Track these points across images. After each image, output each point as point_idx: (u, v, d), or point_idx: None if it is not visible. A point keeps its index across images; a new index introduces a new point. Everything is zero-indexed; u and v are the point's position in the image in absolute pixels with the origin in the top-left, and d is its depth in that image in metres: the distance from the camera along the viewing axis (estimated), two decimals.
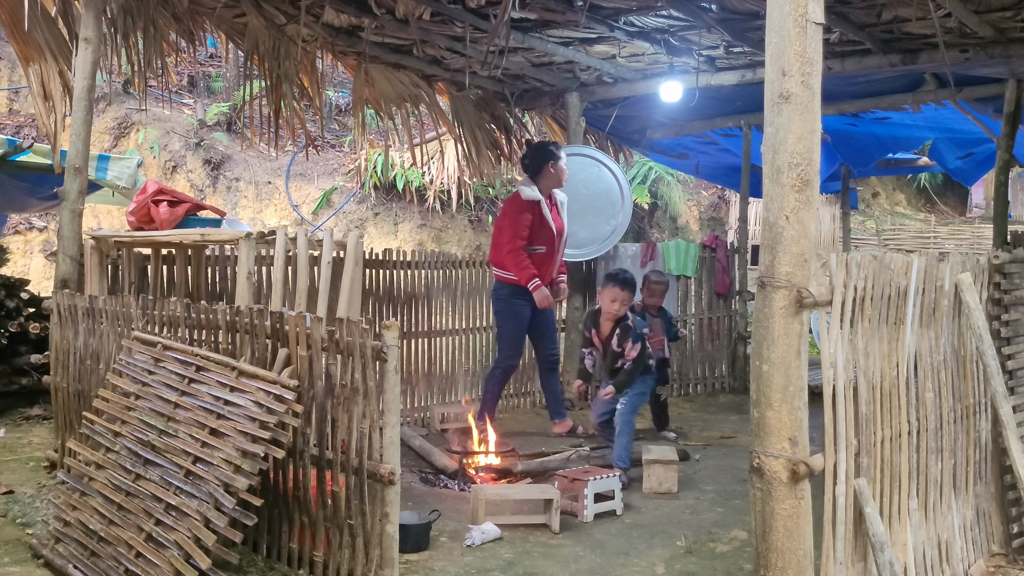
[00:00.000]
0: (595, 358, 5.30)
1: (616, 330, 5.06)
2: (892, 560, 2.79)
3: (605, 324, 5.12)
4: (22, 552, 3.69)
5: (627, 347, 5.04)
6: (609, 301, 5.08)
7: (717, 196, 18.86)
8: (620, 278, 5.11)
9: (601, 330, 5.16)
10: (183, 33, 5.90)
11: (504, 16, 4.15)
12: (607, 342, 5.12)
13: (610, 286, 5.11)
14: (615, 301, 5.08)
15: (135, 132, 15.08)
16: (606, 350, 5.15)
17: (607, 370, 5.22)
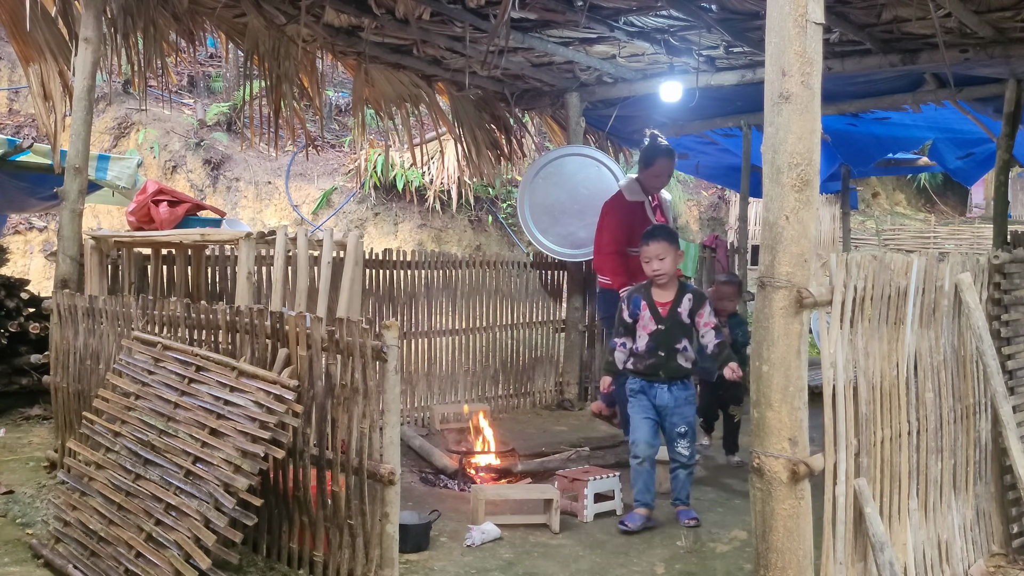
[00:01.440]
0: (628, 350, 4.40)
1: (686, 296, 4.35)
2: (892, 560, 2.79)
3: (662, 291, 4.35)
4: (22, 552, 3.69)
5: (702, 317, 4.32)
6: (657, 260, 4.32)
7: (717, 196, 18.86)
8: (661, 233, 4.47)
9: (656, 299, 4.35)
10: (183, 33, 5.89)
11: (504, 16, 4.14)
12: (670, 313, 4.32)
13: (655, 241, 4.35)
14: (660, 258, 4.32)
15: (135, 132, 15.07)
16: (668, 324, 4.30)
17: (664, 354, 4.29)
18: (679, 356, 4.31)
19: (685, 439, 4.32)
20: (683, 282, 4.41)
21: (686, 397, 4.35)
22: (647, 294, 4.38)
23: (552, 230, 7.05)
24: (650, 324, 4.33)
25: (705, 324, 4.33)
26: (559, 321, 7.44)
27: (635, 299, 4.40)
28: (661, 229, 4.48)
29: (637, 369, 4.35)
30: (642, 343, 4.33)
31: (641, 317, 4.36)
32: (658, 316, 4.32)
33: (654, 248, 4.32)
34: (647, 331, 4.32)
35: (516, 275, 7.19)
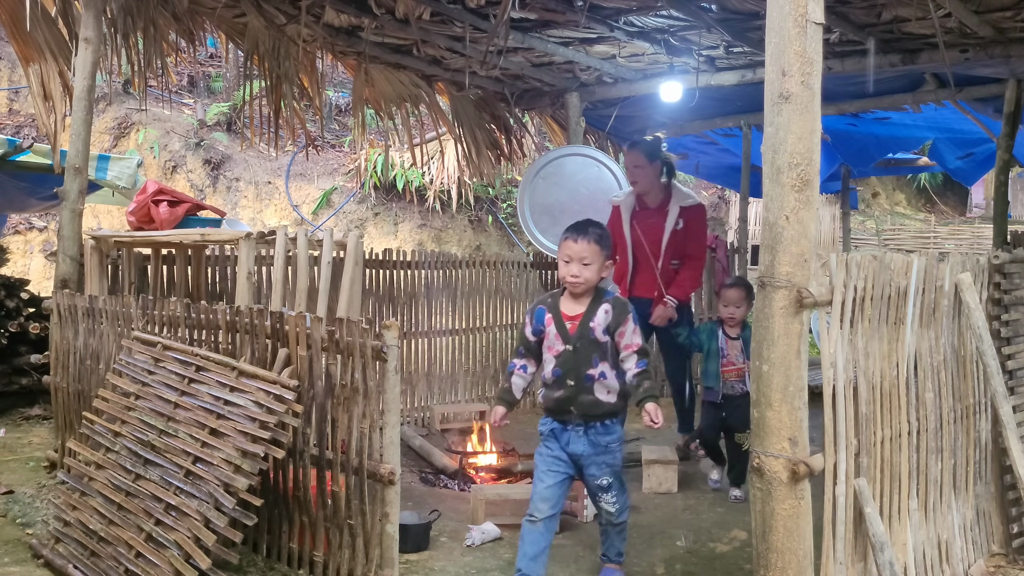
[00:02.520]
0: (529, 375, 3.47)
1: (602, 307, 3.30)
2: (892, 560, 2.79)
3: (574, 301, 3.35)
4: (22, 552, 3.69)
5: (624, 336, 3.30)
6: (580, 264, 3.31)
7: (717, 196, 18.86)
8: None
9: (564, 311, 3.34)
10: (183, 33, 5.89)
11: (504, 16, 4.14)
12: (580, 329, 3.29)
13: (568, 238, 3.34)
14: (579, 259, 3.31)
15: (135, 132, 15.07)
16: (577, 343, 3.29)
17: (574, 383, 3.28)
18: (595, 387, 3.26)
19: (610, 492, 3.39)
20: (603, 289, 3.35)
21: (608, 443, 3.33)
22: (554, 305, 3.34)
23: (552, 230, 7.04)
24: (556, 343, 3.30)
25: (626, 347, 3.29)
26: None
27: (539, 311, 3.37)
28: (590, 227, 3.33)
29: (546, 405, 3.37)
30: (547, 369, 3.33)
31: (546, 334, 3.33)
32: (565, 333, 3.28)
33: (575, 248, 3.27)
34: (552, 353, 3.31)
35: (516, 275, 7.19)
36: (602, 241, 3.30)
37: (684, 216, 5.27)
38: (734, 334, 4.77)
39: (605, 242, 3.31)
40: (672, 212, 5.26)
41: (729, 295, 4.81)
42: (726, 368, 4.73)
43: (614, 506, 3.41)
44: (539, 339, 3.38)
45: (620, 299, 3.38)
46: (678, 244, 5.27)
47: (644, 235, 5.31)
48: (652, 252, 5.28)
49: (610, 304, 3.30)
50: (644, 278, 5.30)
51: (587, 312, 3.29)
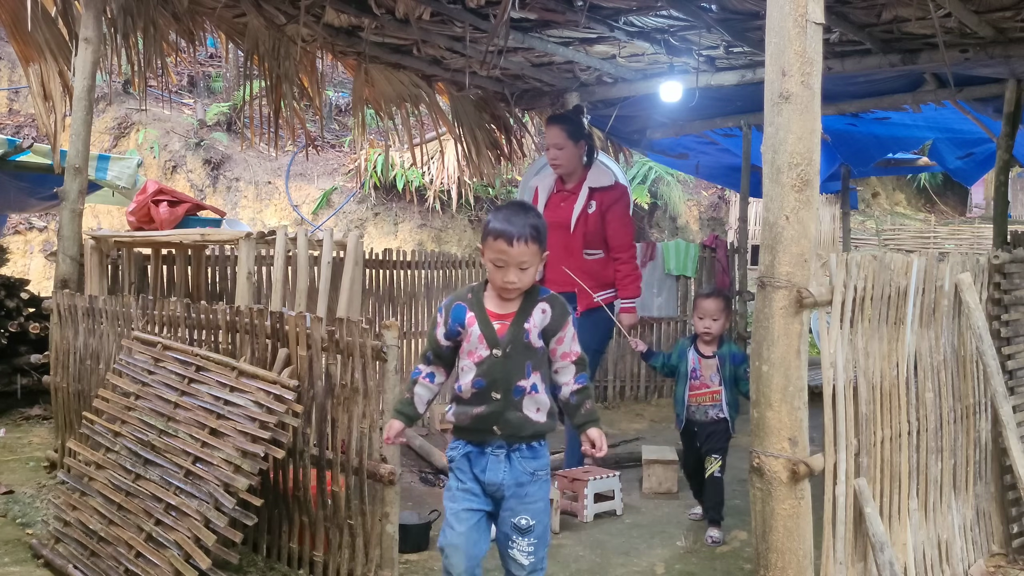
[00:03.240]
0: (436, 385, 2.81)
1: (538, 306, 2.68)
2: (892, 560, 2.79)
3: (504, 300, 2.70)
4: (22, 552, 3.69)
5: (562, 343, 2.71)
6: (517, 269, 2.65)
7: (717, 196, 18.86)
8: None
9: (492, 309, 2.71)
10: (183, 33, 5.89)
11: (504, 16, 4.14)
12: (512, 332, 2.66)
13: (496, 232, 2.64)
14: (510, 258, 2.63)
15: (135, 132, 15.07)
16: (507, 348, 2.65)
17: (500, 396, 2.65)
18: (525, 401, 2.63)
19: (528, 536, 2.66)
20: (538, 287, 2.74)
21: (536, 470, 2.69)
22: (477, 301, 2.70)
23: None
24: (479, 348, 2.65)
25: (563, 356, 2.71)
26: None
27: (457, 309, 2.71)
28: (527, 221, 2.63)
29: (459, 423, 2.71)
30: (466, 379, 2.66)
31: (466, 336, 2.68)
32: (492, 335, 2.64)
33: (512, 252, 2.59)
34: (474, 359, 2.65)
35: None
36: (540, 236, 2.65)
37: (597, 198, 4.60)
38: (709, 352, 4.15)
39: (543, 235, 2.68)
40: (582, 193, 4.64)
41: (705, 306, 4.18)
42: (697, 392, 4.14)
43: (528, 558, 2.66)
44: (454, 343, 2.71)
45: (558, 298, 2.73)
46: (591, 231, 4.60)
47: (555, 220, 4.57)
48: (561, 240, 4.55)
49: (547, 303, 2.68)
50: (556, 270, 4.52)
51: (520, 311, 2.66)
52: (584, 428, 2.71)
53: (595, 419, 2.73)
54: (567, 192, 4.76)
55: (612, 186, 4.68)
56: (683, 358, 4.21)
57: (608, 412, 7.25)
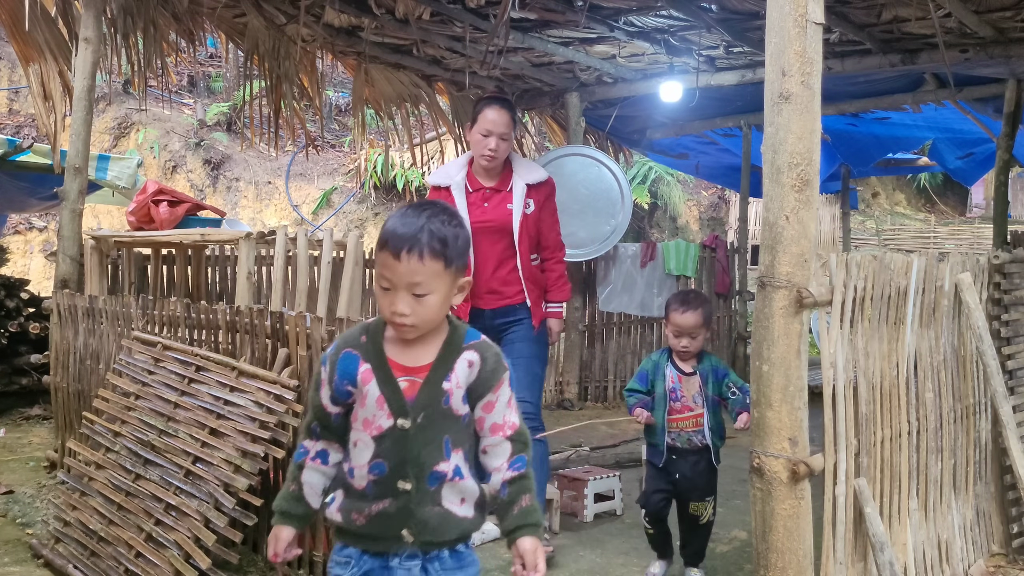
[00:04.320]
0: (332, 466, 1.96)
1: (464, 355, 1.88)
2: (892, 560, 2.79)
3: (412, 345, 1.88)
4: (22, 552, 3.69)
5: (492, 409, 1.88)
6: (407, 296, 1.81)
7: (717, 196, 18.87)
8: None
9: (397, 360, 1.88)
10: (183, 33, 5.90)
11: (504, 16, 4.14)
12: (426, 392, 1.85)
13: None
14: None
15: (135, 132, 15.08)
16: (418, 416, 1.84)
17: (412, 487, 1.84)
18: (444, 492, 1.86)
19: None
20: (459, 324, 1.92)
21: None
22: (375, 349, 1.89)
23: None
24: (379, 416, 1.85)
25: (494, 428, 1.89)
26: None
27: (346, 360, 1.89)
28: (425, 223, 1.82)
29: (350, 524, 1.88)
30: (360, 460, 1.87)
31: (361, 399, 1.88)
32: (397, 399, 1.85)
33: (401, 270, 1.79)
34: (371, 431, 1.86)
35: None
36: (447, 251, 1.79)
37: (533, 195, 3.97)
38: (688, 367, 3.40)
39: (455, 250, 1.81)
40: (518, 191, 3.93)
41: (682, 322, 3.35)
42: (679, 416, 3.38)
43: None
44: (345, 408, 1.88)
45: (492, 347, 1.89)
46: (531, 233, 3.96)
47: (487, 223, 3.88)
48: (501, 246, 3.90)
49: (477, 352, 1.85)
50: (489, 282, 3.90)
51: (438, 364, 1.83)
52: (516, 536, 1.84)
53: (534, 523, 1.86)
54: (490, 190, 3.94)
55: (546, 180, 4.02)
56: (659, 374, 3.42)
57: (608, 412, 7.26)
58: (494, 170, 3.95)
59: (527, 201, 3.95)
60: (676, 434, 3.40)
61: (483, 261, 3.88)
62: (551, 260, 4.08)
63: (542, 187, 4.00)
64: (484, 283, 3.88)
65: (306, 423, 1.98)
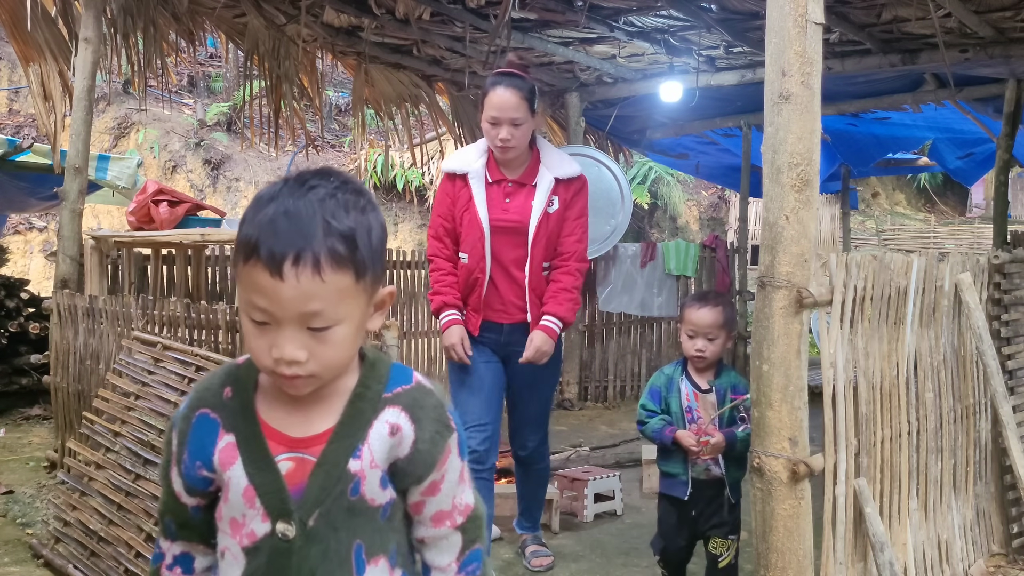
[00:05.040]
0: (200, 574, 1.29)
1: (385, 414, 1.20)
2: (892, 560, 2.79)
3: (304, 405, 1.20)
4: (22, 552, 3.69)
5: (440, 489, 1.24)
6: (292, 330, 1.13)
7: (717, 196, 18.86)
8: None
9: (278, 427, 1.21)
10: (183, 33, 5.90)
11: (504, 16, 4.15)
12: (328, 477, 1.18)
13: None
14: None
15: (135, 132, 15.07)
16: (314, 517, 1.18)
17: None
18: None
19: None
20: (375, 359, 1.24)
21: None
22: (242, 412, 1.20)
23: None
24: (251, 519, 1.17)
25: (438, 518, 1.25)
26: None
27: (201, 426, 1.21)
28: (311, 225, 1.10)
29: None
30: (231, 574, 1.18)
31: (224, 488, 1.19)
32: (274, 491, 1.16)
33: (283, 292, 1.08)
34: (242, 543, 1.17)
35: None
36: (359, 251, 1.14)
37: (560, 192, 3.38)
38: (705, 383, 2.97)
39: (368, 247, 1.16)
40: (542, 186, 3.35)
41: (698, 319, 2.95)
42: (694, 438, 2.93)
43: None
44: (207, 499, 1.25)
45: (429, 397, 1.23)
46: (551, 236, 3.37)
47: (504, 222, 3.36)
48: (513, 250, 3.36)
49: (405, 410, 1.21)
50: (506, 292, 3.38)
51: (342, 431, 1.19)
52: None
53: None
54: (514, 184, 3.38)
55: (578, 177, 3.44)
56: (673, 390, 2.98)
57: (608, 412, 7.26)
58: (517, 160, 3.38)
59: (551, 198, 3.36)
60: (692, 463, 2.94)
61: (499, 268, 3.35)
62: (560, 269, 3.37)
63: (572, 184, 3.41)
64: (501, 293, 3.35)
65: (159, 513, 1.34)
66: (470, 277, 3.37)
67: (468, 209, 3.36)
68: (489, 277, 3.35)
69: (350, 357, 1.19)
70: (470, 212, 3.35)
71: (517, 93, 3.26)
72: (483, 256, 3.33)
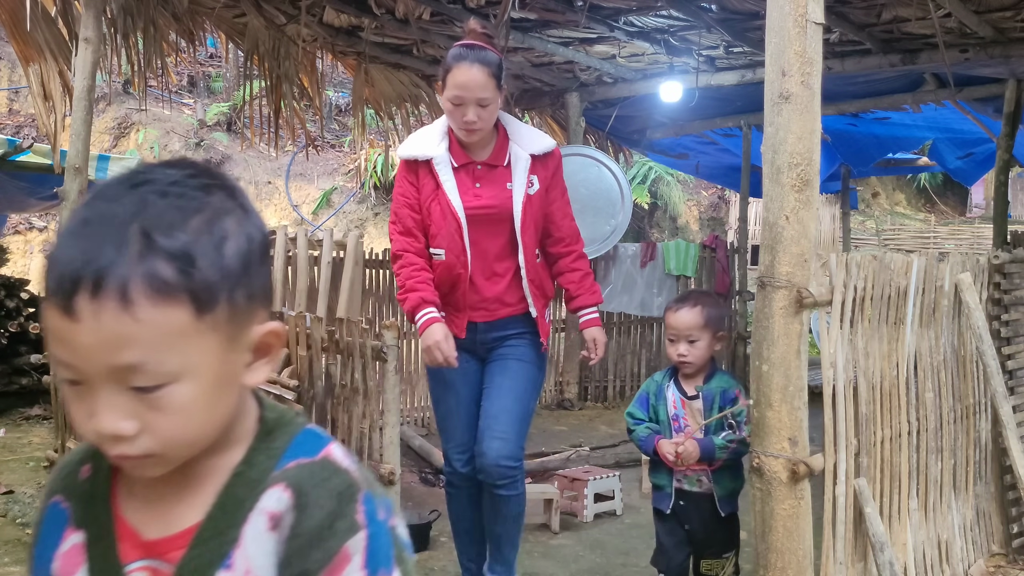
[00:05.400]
0: None
1: (261, 505, 0.82)
2: (892, 560, 2.79)
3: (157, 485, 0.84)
4: (22, 552, 3.69)
5: None
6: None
7: (717, 196, 18.87)
8: None
9: (129, 522, 0.86)
10: (183, 33, 5.90)
11: (504, 16, 4.15)
12: None
13: None
14: None
15: (135, 132, 15.08)
16: None
17: None
18: None
19: None
20: (274, 421, 0.88)
21: None
22: (94, 500, 0.86)
23: None
24: None
25: None
26: (559, 321, 7.44)
27: (52, 522, 0.87)
28: (120, 242, 0.74)
29: None
30: None
31: None
32: None
33: (82, 333, 0.74)
34: None
35: None
36: (198, 271, 0.76)
37: (539, 171, 3.01)
38: (692, 389, 2.80)
39: (217, 265, 0.78)
40: (519, 167, 2.97)
41: (676, 321, 2.79)
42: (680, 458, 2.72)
43: None
44: None
45: (334, 473, 0.84)
46: (538, 220, 3.01)
47: (483, 210, 2.96)
48: (499, 239, 2.98)
49: (291, 490, 0.82)
50: (485, 288, 2.99)
51: (206, 529, 0.82)
52: None
53: None
54: (483, 166, 2.99)
55: (552, 151, 3.05)
56: (661, 399, 2.84)
57: (608, 412, 7.25)
58: (483, 141, 3.00)
59: (530, 178, 2.98)
60: (682, 474, 2.80)
61: (479, 262, 2.97)
62: (569, 256, 3.08)
63: (548, 159, 3.04)
64: (480, 290, 2.97)
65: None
66: (451, 274, 2.95)
67: (436, 199, 2.94)
68: (470, 275, 2.96)
69: (208, 426, 0.81)
70: (439, 202, 2.94)
71: (484, 69, 2.85)
72: (463, 249, 2.93)
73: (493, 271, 2.98)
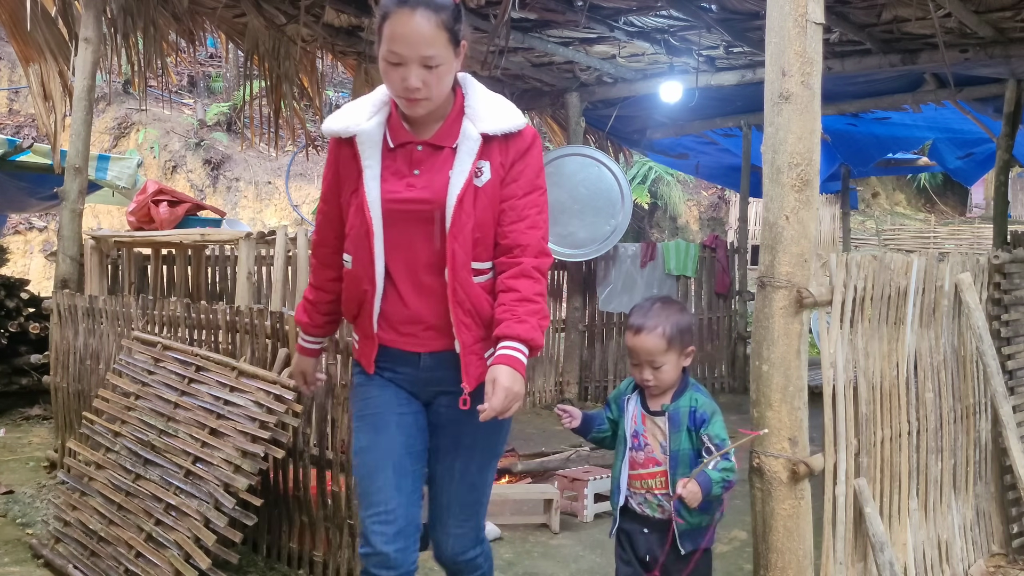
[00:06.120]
0: None
1: None
2: (892, 560, 2.79)
3: None
4: (22, 552, 3.69)
5: None
6: None
7: (717, 196, 18.88)
8: None
9: None
10: (183, 33, 5.90)
11: (504, 16, 4.15)
12: None
13: None
14: None
15: (135, 132, 15.08)
16: None
17: None
18: None
19: None
20: None
21: None
22: None
23: (551, 230, 6.94)
24: None
25: None
26: (559, 321, 7.44)
27: None
28: None
29: None
30: None
31: None
32: None
33: None
34: None
35: None
36: None
37: (494, 155, 2.22)
38: (657, 405, 2.46)
39: None
40: (465, 148, 2.19)
41: (635, 346, 2.43)
42: (642, 469, 2.53)
43: None
44: None
45: None
46: (482, 222, 2.21)
47: (408, 204, 2.20)
48: (424, 242, 2.20)
49: None
50: (417, 307, 2.23)
51: None
52: None
53: None
54: (426, 146, 2.22)
55: (519, 132, 2.24)
56: (622, 410, 2.55)
57: None
58: (434, 115, 2.22)
59: (478, 165, 2.20)
60: (642, 496, 2.52)
61: (408, 272, 2.22)
62: (511, 269, 2.20)
63: (511, 142, 2.23)
64: (413, 308, 2.22)
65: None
66: (356, 289, 2.25)
67: (356, 190, 2.23)
68: (383, 288, 2.22)
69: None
70: (358, 194, 2.22)
71: (432, 17, 2.06)
72: (371, 259, 2.20)
73: (424, 287, 2.21)
